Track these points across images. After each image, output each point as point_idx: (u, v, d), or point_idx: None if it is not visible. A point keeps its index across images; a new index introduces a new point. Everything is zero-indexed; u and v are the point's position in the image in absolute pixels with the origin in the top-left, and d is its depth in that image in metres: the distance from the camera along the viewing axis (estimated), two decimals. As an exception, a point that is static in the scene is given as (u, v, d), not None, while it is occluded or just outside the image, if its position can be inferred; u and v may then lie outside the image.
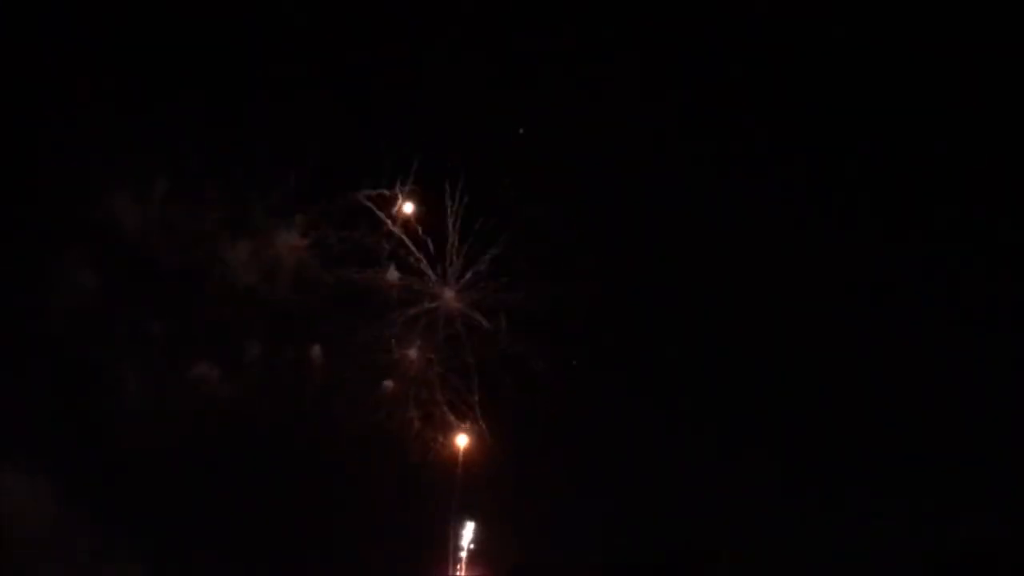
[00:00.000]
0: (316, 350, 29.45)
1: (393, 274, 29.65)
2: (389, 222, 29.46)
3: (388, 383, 29.58)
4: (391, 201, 29.37)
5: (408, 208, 29.43)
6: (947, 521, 26.00)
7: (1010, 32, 27.99)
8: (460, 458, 29.49)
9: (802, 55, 28.82)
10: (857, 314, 28.54)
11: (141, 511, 27.93)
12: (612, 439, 28.79)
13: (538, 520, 28.35)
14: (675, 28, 28.92)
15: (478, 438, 29.59)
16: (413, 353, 29.80)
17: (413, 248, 29.53)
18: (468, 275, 29.63)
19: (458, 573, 29.17)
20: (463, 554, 29.23)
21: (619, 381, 28.76)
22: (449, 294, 29.83)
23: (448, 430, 29.62)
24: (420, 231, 29.50)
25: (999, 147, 28.01)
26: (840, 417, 28.19)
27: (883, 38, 28.78)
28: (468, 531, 29.40)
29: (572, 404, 28.49)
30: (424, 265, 29.66)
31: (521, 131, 28.99)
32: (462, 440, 29.64)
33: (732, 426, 28.77)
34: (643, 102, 28.86)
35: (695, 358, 28.80)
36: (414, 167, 29.04)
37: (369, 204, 29.39)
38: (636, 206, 29.31)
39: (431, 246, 29.54)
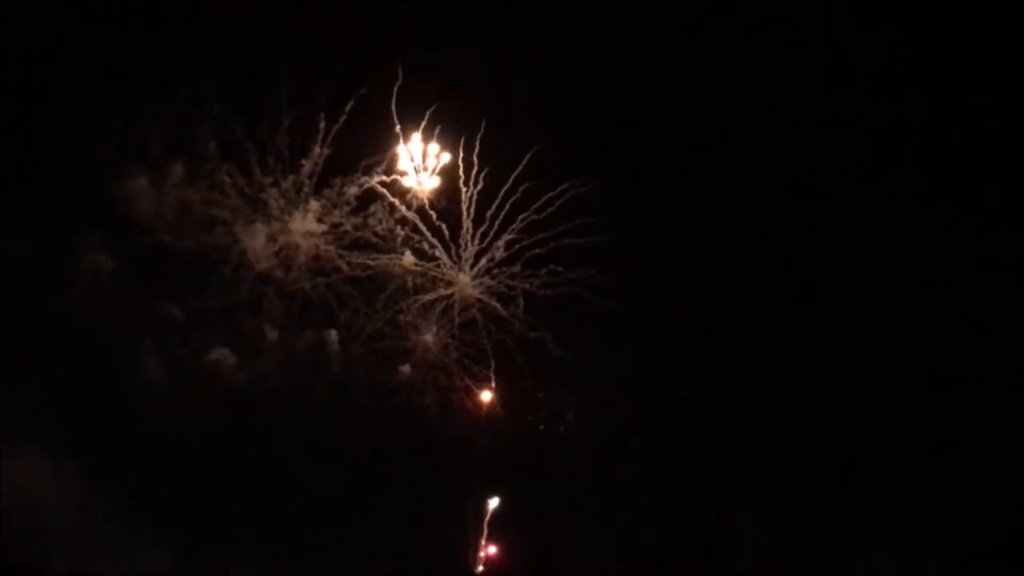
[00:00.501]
0: (332, 336, 29.74)
1: (408, 260, 29.92)
2: (404, 208, 29.66)
3: (405, 368, 30.03)
4: (406, 187, 29.58)
5: (424, 187, 29.59)
6: (959, 513, 27.12)
7: (1010, 32, 28.77)
8: (483, 412, 29.98)
9: (802, 54, 29.27)
10: (872, 307, 29.24)
11: (162, 494, 28.38)
12: (629, 428, 29.40)
13: (554, 507, 29.10)
14: (680, 27, 29.30)
15: (493, 422, 30.32)
16: (429, 339, 30.24)
17: (428, 234, 29.80)
18: (483, 261, 30.03)
19: (479, 554, 30.07)
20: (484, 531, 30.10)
21: (633, 373, 29.28)
22: (464, 279, 30.20)
23: (466, 415, 30.31)
24: (435, 217, 29.74)
25: (999, 147, 28.91)
26: (857, 409, 29.11)
27: (885, 37, 29.45)
28: (491, 505, 30.09)
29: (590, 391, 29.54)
30: (439, 251, 30.00)
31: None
32: (486, 396, 30.12)
33: (747, 420, 29.58)
34: (648, 100, 29.36)
35: (711, 350, 29.26)
36: (424, 153, 29.34)
37: (384, 190, 29.58)
38: (640, 203, 29.73)
39: (446, 232, 29.84)
